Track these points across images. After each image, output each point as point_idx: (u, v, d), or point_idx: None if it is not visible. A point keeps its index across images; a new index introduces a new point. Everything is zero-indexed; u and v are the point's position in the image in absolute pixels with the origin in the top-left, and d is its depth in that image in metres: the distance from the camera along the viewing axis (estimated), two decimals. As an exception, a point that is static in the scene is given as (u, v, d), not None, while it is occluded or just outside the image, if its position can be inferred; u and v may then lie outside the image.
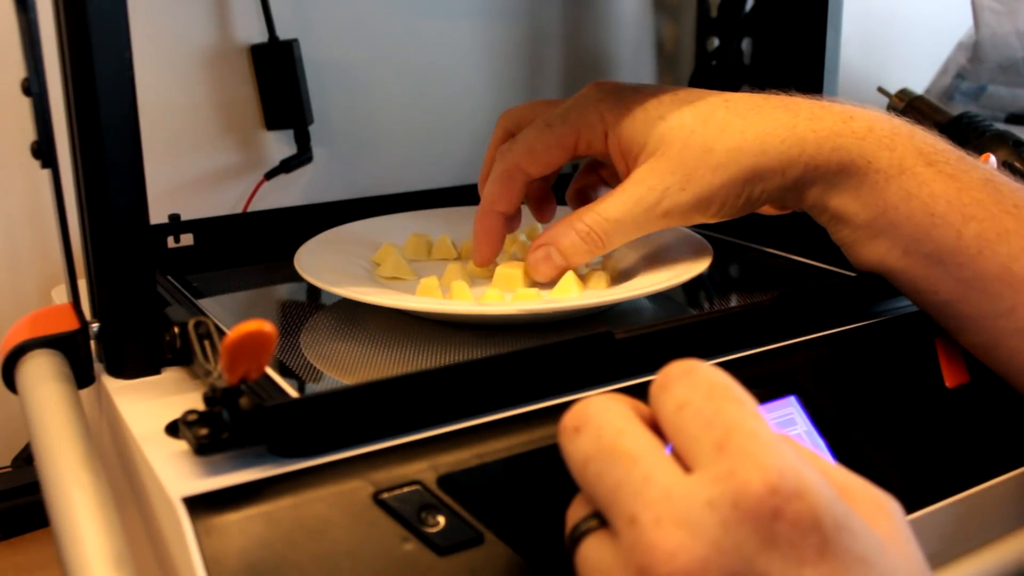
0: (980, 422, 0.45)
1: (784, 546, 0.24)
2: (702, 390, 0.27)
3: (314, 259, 0.51)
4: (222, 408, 0.32)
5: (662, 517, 0.25)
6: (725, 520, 0.24)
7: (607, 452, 0.26)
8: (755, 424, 0.26)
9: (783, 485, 0.24)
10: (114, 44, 0.36)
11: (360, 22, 0.72)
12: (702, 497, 0.24)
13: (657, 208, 0.45)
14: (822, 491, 0.25)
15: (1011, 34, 0.85)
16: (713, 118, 0.45)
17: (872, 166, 0.43)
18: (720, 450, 0.25)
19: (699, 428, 0.26)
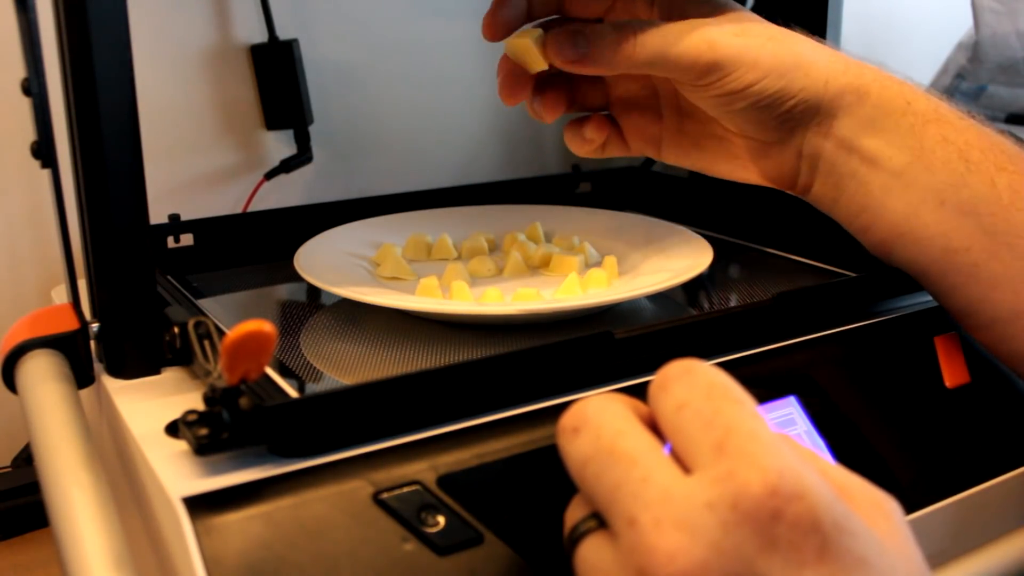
0: (980, 422, 0.45)
1: (784, 548, 0.24)
2: (701, 390, 0.27)
3: (314, 259, 0.51)
4: (222, 408, 0.32)
5: (661, 519, 0.24)
6: (724, 522, 0.24)
7: (606, 452, 0.26)
8: (754, 424, 0.26)
9: (783, 486, 0.24)
10: (114, 44, 0.36)
11: (360, 22, 0.72)
12: (701, 498, 0.24)
13: (706, 32, 0.41)
14: (822, 492, 0.24)
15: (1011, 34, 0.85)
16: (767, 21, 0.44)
17: (912, 107, 0.42)
18: (719, 451, 0.25)
19: (698, 428, 0.26)
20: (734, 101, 0.42)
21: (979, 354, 0.46)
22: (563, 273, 0.53)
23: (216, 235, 0.60)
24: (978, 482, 0.42)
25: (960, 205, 0.41)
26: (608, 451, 0.26)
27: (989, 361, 0.46)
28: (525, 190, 0.72)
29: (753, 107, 0.42)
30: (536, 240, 0.59)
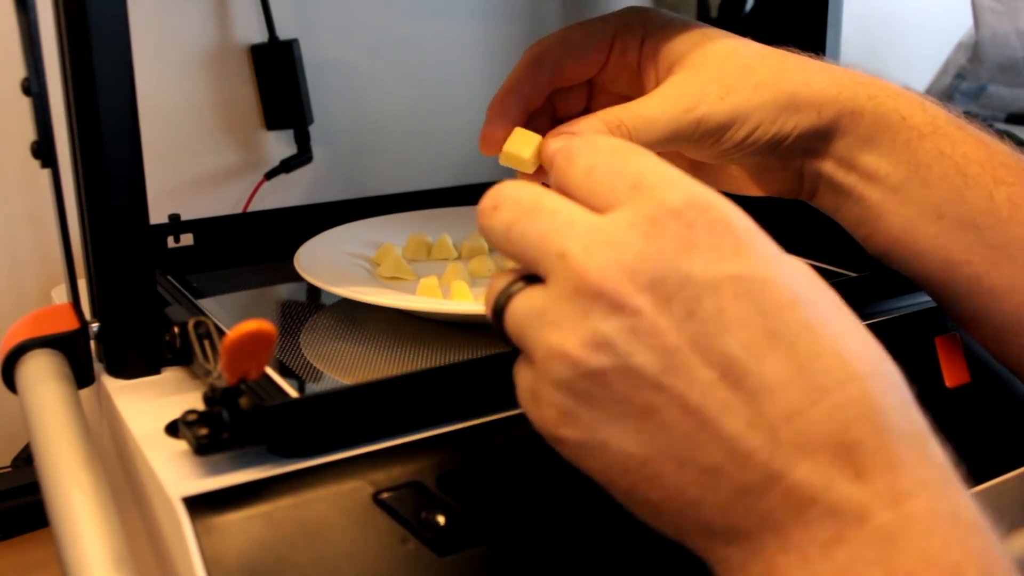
0: (980, 422, 0.45)
1: (703, 247, 0.27)
2: (605, 152, 0.29)
3: (314, 259, 0.51)
4: (222, 408, 0.32)
5: (590, 244, 0.27)
6: (647, 234, 0.27)
7: (529, 211, 0.29)
8: (664, 167, 0.28)
9: (696, 199, 0.27)
10: (114, 44, 0.36)
11: (360, 22, 0.72)
12: (623, 222, 0.27)
13: (693, 112, 0.41)
14: (732, 207, 0.28)
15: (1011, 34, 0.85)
16: (754, 46, 0.44)
17: (907, 122, 0.42)
18: (635, 189, 0.28)
19: (612, 179, 0.28)
20: (733, 153, 0.43)
21: (979, 354, 0.46)
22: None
23: (216, 235, 0.60)
24: (978, 482, 0.42)
25: (958, 219, 0.42)
26: (531, 209, 0.29)
27: (989, 361, 0.46)
28: (525, 190, 0.72)
29: (754, 153, 0.43)
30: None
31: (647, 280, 0.26)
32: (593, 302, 0.26)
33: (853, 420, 0.26)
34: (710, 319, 0.26)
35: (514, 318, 0.29)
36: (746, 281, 0.27)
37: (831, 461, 0.25)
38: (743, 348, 0.26)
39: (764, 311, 0.26)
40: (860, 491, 0.25)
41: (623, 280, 0.26)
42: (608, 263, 0.26)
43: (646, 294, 0.26)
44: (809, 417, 0.26)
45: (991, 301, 0.42)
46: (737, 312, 0.26)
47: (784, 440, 0.26)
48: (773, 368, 0.26)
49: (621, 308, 0.26)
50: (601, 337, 0.26)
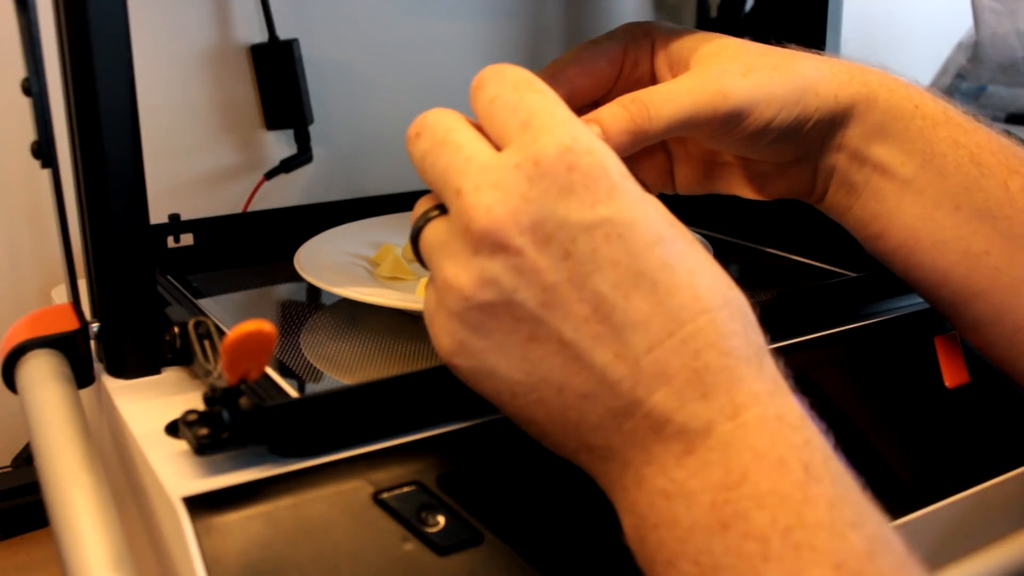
0: (980, 422, 0.45)
1: (580, 191, 0.29)
2: (509, 84, 0.32)
3: (314, 259, 0.51)
4: (222, 408, 0.32)
5: (480, 184, 0.30)
6: (530, 176, 0.29)
7: (439, 143, 0.31)
8: (555, 107, 0.31)
9: (576, 145, 0.30)
10: (114, 44, 0.36)
11: (360, 22, 0.72)
12: (511, 163, 0.30)
13: (718, 83, 0.40)
14: (609, 152, 0.31)
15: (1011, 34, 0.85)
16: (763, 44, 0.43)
17: (920, 110, 0.42)
18: (524, 127, 0.30)
19: (508, 114, 0.31)
20: (756, 140, 0.42)
21: (979, 354, 0.46)
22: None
23: (216, 235, 0.60)
24: (978, 482, 0.42)
25: (975, 209, 0.41)
26: (441, 142, 0.31)
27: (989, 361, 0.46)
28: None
29: (775, 140, 0.42)
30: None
31: (529, 222, 0.29)
32: (480, 242, 0.29)
33: (702, 347, 0.29)
34: (584, 259, 0.29)
35: (425, 243, 0.32)
36: (616, 224, 0.30)
37: (683, 385, 0.29)
38: (612, 286, 0.29)
39: (632, 251, 0.30)
40: (706, 408, 0.29)
41: (507, 222, 0.29)
42: (494, 204, 0.29)
43: (527, 235, 0.29)
44: (666, 347, 0.29)
45: (1011, 296, 0.41)
46: (608, 253, 0.29)
47: (645, 368, 0.29)
48: (637, 305, 0.29)
49: (505, 248, 0.29)
50: (488, 274, 0.29)
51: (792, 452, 0.29)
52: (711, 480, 0.28)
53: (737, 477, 0.28)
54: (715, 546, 0.28)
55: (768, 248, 0.61)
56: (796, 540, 0.27)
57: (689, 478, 0.29)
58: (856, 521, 0.28)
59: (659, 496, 0.29)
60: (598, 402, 0.30)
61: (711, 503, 0.28)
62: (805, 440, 0.29)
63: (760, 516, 0.28)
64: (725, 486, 0.28)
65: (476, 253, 0.30)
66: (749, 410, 0.29)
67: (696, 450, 0.29)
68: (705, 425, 0.29)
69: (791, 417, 0.30)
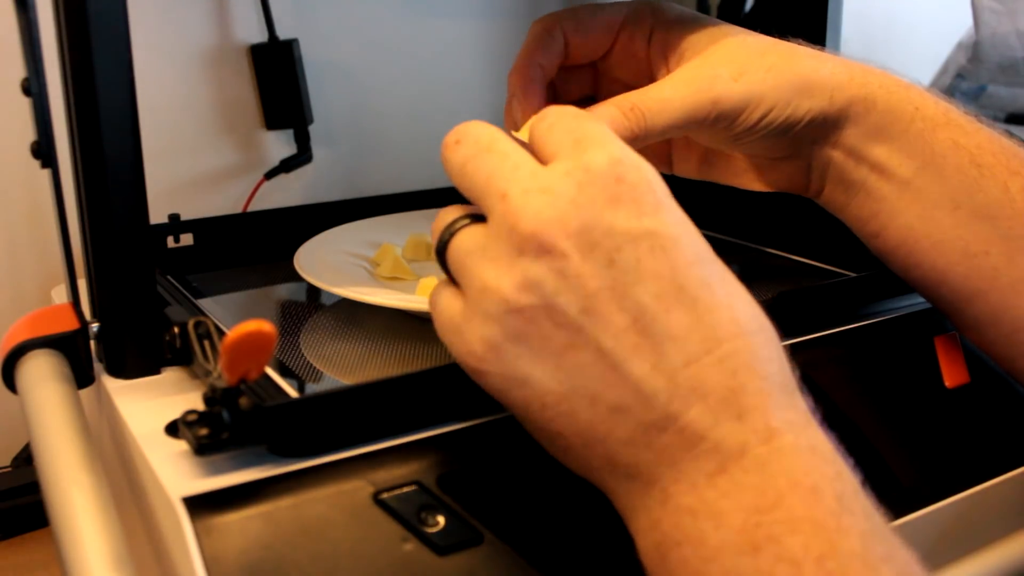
0: (980, 422, 0.45)
1: (627, 202, 0.30)
2: (569, 115, 0.33)
3: (314, 259, 0.51)
4: (222, 408, 0.32)
5: (529, 188, 0.30)
6: (579, 183, 0.30)
7: (485, 150, 0.32)
8: (608, 132, 0.32)
9: (626, 158, 0.30)
10: (114, 44, 0.36)
11: (360, 22, 0.72)
12: (561, 170, 0.30)
13: (709, 91, 0.41)
14: (655, 171, 0.31)
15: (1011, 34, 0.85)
16: (764, 36, 0.44)
17: (920, 112, 0.42)
18: (577, 143, 0.31)
19: (563, 134, 0.32)
20: (743, 137, 0.43)
21: (979, 354, 0.46)
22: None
23: (216, 235, 0.60)
24: (978, 482, 0.42)
25: (975, 209, 0.41)
26: (487, 149, 0.32)
27: (989, 361, 0.46)
28: (525, 190, 0.72)
29: (764, 137, 0.43)
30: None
31: (576, 227, 0.29)
32: (525, 243, 0.29)
33: (739, 368, 0.29)
34: (628, 268, 0.29)
35: (457, 251, 0.32)
36: (661, 237, 0.30)
37: (719, 403, 0.29)
38: (654, 298, 0.29)
39: (674, 266, 0.30)
40: (740, 429, 0.29)
41: (554, 226, 0.29)
42: (543, 207, 0.29)
43: (573, 239, 0.29)
44: (704, 363, 0.29)
45: (1011, 296, 0.41)
46: (651, 265, 0.29)
47: (682, 383, 0.29)
48: (678, 318, 0.29)
49: (550, 251, 0.29)
50: (531, 277, 0.29)
51: (825, 482, 0.29)
52: (743, 502, 0.28)
53: (771, 501, 0.28)
54: (744, 567, 0.27)
55: (768, 248, 0.61)
56: (829, 568, 0.27)
57: (720, 498, 0.28)
58: (888, 556, 0.28)
59: (686, 514, 0.29)
60: (630, 415, 0.29)
61: (742, 525, 0.28)
62: (837, 472, 0.29)
63: (793, 541, 0.27)
64: (757, 509, 0.28)
65: (521, 255, 0.29)
66: (783, 436, 0.29)
67: (728, 470, 0.29)
68: (739, 446, 0.29)
69: (823, 449, 0.30)
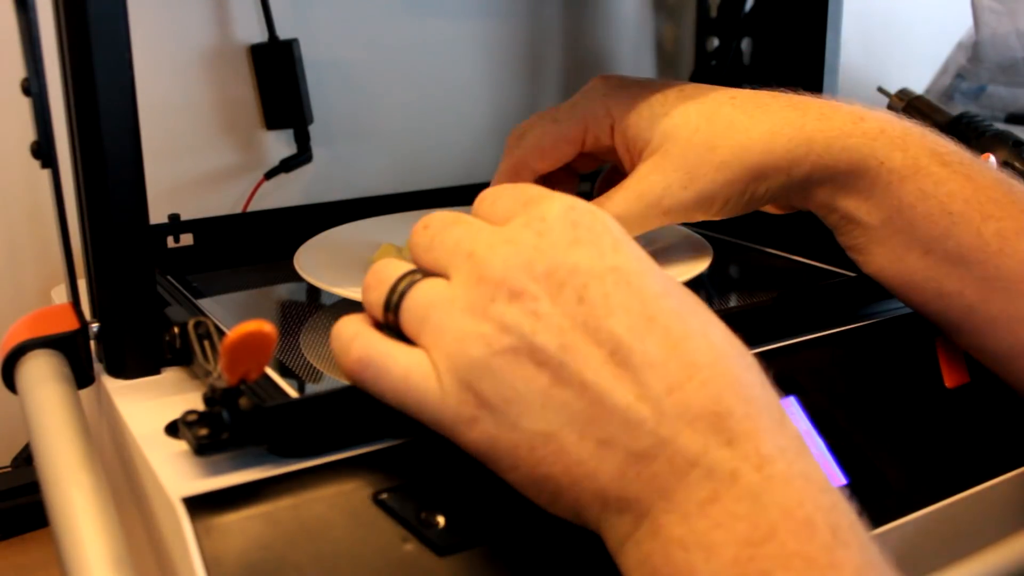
0: (980, 422, 0.45)
1: (586, 243, 0.31)
2: (508, 188, 0.34)
3: (314, 259, 0.51)
4: (222, 408, 0.32)
5: (493, 243, 0.31)
6: (539, 231, 0.31)
7: (451, 224, 0.33)
8: (555, 194, 0.33)
9: (578, 204, 0.32)
10: (114, 44, 0.36)
11: (360, 22, 0.72)
12: (520, 223, 0.32)
13: (659, 205, 0.45)
14: (607, 215, 0.32)
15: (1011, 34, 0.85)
16: (718, 115, 0.44)
17: (885, 166, 0.42)
18: (527, 203, 0.33)
19: (510, 201, 0.33)
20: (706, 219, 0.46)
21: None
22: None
23: (216, 235, 0.60)
24: (978, 482, 0.42)
25: (946, 254, 0.42)
26: (452, 223, 0.33)
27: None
28: (525, 190, 0.72)
29: (726, 214, 0.46)
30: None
31: (542, 270, 0.30)
32: (497, 290, 0.30)
33: (723, 392, 0.29)
34: (597, 303, 0.30)
35: (417, 305, 0.32)
36: (625, 272, 0.31)
37: (707, 428, 0.29)
38: (627, 329, 0.30)
39: (642, 298, 0.30)
40: (731, 455, 0.28)
41: (521, 270, 0.30)
42: (508, 256, 0.31)
43: (542, 282, 0.30)
44: (687, 389, 0.29)
45: (989, 331, 0.42)
46: (619, 298, 0.30)
47: (667, 410, 0.29)
48: (653, 347, 0.30)
49: (522, 294, 0.30)
50: (507, 320, 0.30)
51: (819, 514, 0.28)
52: (736, 533, 0.27)
53: (764, 533, 0.27)
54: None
55: (768, 248, 0.61)
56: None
57: (712, 529, 0.28)
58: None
59: (676, 547, 0.28)
60: (619, 447, 0.29)
61: (734, 558, 0.27)
62: (832, 503, 0.29)
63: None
64: (750, 542, 0.27)
65: (493, 301, 0.30)
66: (775, 463, 0.28)
67: (721, 499, 0.28)
68: (730, 473, 0.28)
69: (817, 477, 0.29)
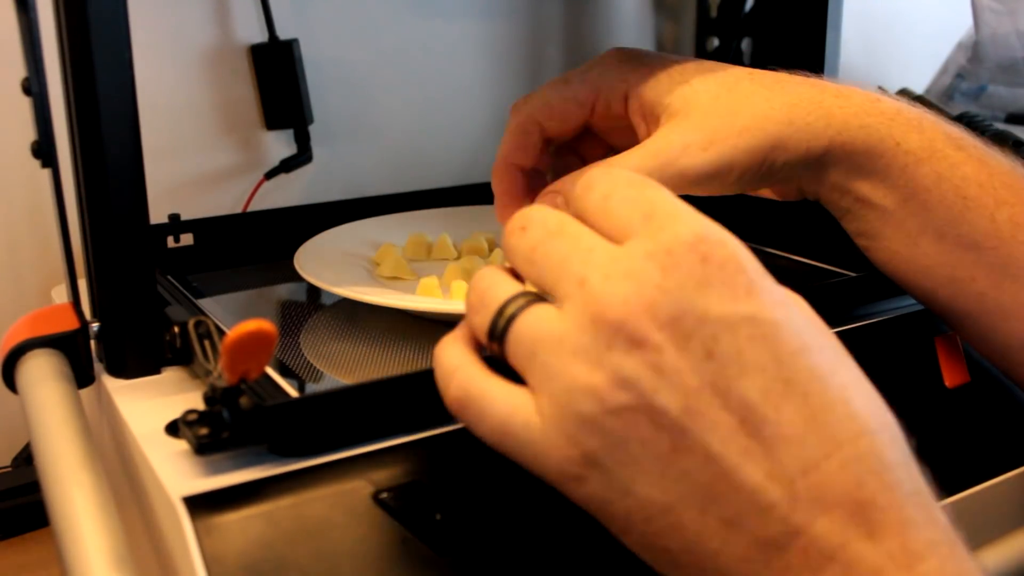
0: (980, 422, 0.45)
1: (718, 285, 0.27)
2: (622, 181, 0.29)
3: (314, 259, 0.51)
4: (222, 408, 0.32)
5: (610, 273, 0.27)
6: (664, 266, 0.27)
7: (555, 234, 0.29)
8: (676, 200, 0.29)
9: (708, 234, 0.28)
10: (114, 44, 0.36)
11: (360, 22, 0.72)
12: (640, 252, 0.27)
13: (675, 165, 0.41)
14: (740, 244, 0.28)
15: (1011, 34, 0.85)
16: (738, 86, 0.43)
17: (901, 147, 0.42)
18: (648, 218, 0.28)
19: (627, 209, 0.29)
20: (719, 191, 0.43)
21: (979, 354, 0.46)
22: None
23: (216, 235, 0.60)
24: (977, 482, 0.42)
25: (959, 239, 0.41)
26: (557, 233, 0.29)
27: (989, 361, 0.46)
28: (525, 190, 0.72)
29: (742, 187, 0.43)
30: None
31: (667, 316, 0.26)
32: (614, 335, 0.26)
33: (865, 476, 0.26)
34: (729, 361, 0.26)
35: (524, 338, 0.28)
36: (760, 323, 0.27)
37: (847, 518, 0.25)
38: (760, 394, 0.26)
39: (778, 356, 0.26)
40: (874, 551, 0.25)
41: (643, 314, 0.26)
42: (629, 295, 0.26)
43: (666, 330, 0.26)
44: (824, 471, 0.26)
45: (998, 320, 0.42)
46: (753, 355, 0.26)
47: (802, 494, 0.26)
48: (789, 417, 0.26)
49: (643, 343, 0.26)
50: (626, 374, 0.26)
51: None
52: None
53: None
54: None
55: (768, 248, 0.61)
56: None
57: None
58: None
59: None
60: (746, 529, 0.26)
61: None
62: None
63: None
64: None
65: (610, 348, 0.26)
66: (926, 562, 0.25)
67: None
68: (873, 571, 0.25)
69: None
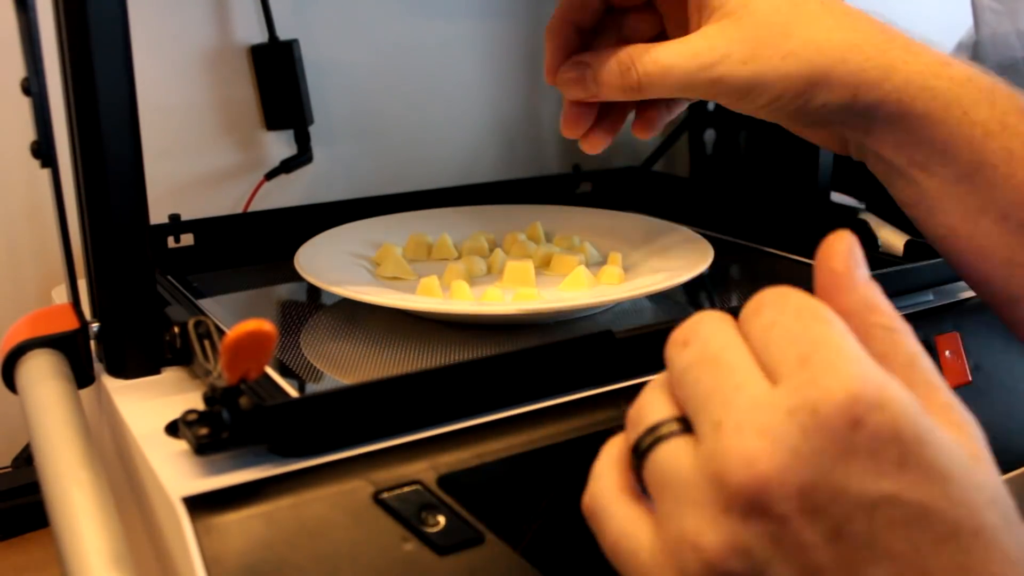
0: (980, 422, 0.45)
1: (863, 456, 0.24)
2: (791, 311, 0.27)
3: (314, 259, 0.51)
4: (222, 408, 0.32)
5: (744, 424, 0.25)
6: (804, 427, 0.24)
7: (710, 360, 0.27)
8: (841, 341, 0.25)
9: (864, 395, 0.24)
10: (114, 44, 0.36)
11: (360, 22, 0.72)
12: (784, 406, 0.24)
13: (711, 71, 0.39)
14: (905, 403, 0.24)
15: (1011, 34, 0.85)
16: (806, 5, 0.40)
17: (968, 117, 0.38)
18: (803, 363, 0.25)
19: (786, 344, 0.26)
20: (747, 112, 0.41)
21: (979, 354, 0.46)
22: (563, 273, 0.53)
23: (216, 235, 0.60)
24: (978, 482, 0.42)
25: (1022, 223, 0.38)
26: (712, 359, 0.27)
27: (989, 361, 0.46)
28: (525, 190, 0.72)
29: (772, 116, 0.41)
30: (537, 240, 0.59)
31: (796, 487, 0.24)
32: (735, 498, 0.24)
33: None
34: (860, 544, 0.24)
35: (659, 468, 0.27)
36: (902, 505, 0.24)
37: None
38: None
39: (918, 546, 0.24)
40: None
41: (771, 481, 0.24)
42: (758, 456, 0.24)
43: (794, 501, 0.24)
44: None
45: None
46: (888, 542, 0.24)
47: None
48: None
49: (765, 513, 0.24)
50: (739, 541, 0.24)
51: None
52: None
53: None
54: None
55: (768, 248, 0.61)
56: None
57: None
58: None
59: None
60: None
61: None
62: None
63: None
64: None
65: (728, 511, 0.24)
66: None
67: None
68: None
69: None
